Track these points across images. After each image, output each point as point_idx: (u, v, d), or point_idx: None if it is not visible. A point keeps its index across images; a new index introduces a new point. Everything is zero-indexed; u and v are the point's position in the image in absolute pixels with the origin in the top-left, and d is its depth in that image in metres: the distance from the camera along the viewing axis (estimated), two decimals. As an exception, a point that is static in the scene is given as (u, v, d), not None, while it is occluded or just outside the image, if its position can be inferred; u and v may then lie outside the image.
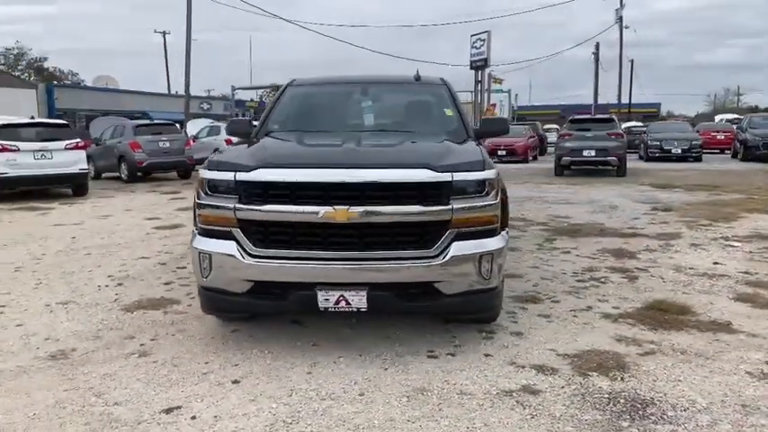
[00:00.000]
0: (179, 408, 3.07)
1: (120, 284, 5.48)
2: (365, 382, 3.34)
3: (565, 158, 16.75)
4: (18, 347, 3.98)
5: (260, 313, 4.15)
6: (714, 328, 4.13)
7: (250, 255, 3.52)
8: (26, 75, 50.98)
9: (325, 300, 3.48)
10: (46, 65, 55.36)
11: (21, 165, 11.88)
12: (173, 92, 45.93)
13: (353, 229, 3.47)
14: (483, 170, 3.62)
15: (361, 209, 3.39)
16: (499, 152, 21.51)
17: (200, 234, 3.73)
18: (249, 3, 38.88)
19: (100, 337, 4.14)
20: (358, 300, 3.48)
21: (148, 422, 2.93)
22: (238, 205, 3.53)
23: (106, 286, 5.43)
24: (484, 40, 23.88)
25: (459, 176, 3.51)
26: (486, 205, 3.58)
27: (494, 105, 29.53)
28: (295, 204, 3.46)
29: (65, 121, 14.27)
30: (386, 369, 3.50)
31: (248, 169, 3.55)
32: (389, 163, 3.62)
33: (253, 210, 3.51)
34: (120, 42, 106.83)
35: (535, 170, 19.46)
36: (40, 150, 12.20)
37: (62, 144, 12.48)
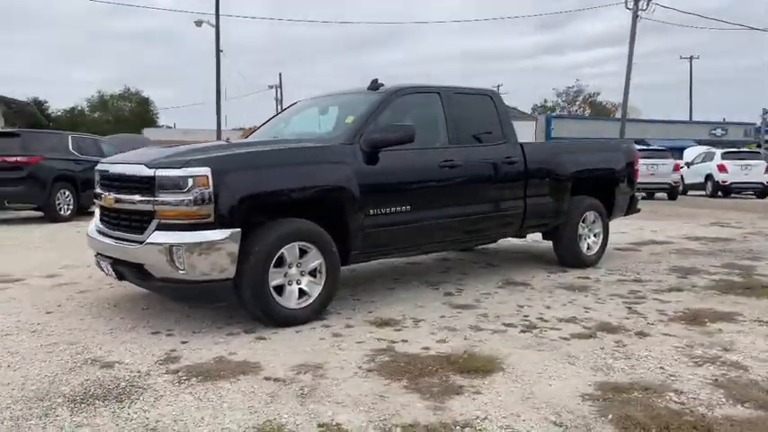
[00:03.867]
0: None
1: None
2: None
3: None
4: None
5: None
6: None
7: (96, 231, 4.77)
8: (581, 109, 61.47)
9: (104, 266, 4.46)
10: (598, 99, 64.89)
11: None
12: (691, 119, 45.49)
13: (114, 213, 4.36)
14: (181, 168, 3.91)
15: (113, 195, 4.27)
16: None
17: None
18: None
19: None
20: (109, 270, 4.35)
21: None
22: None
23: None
24: None
25: (160, 173, 3.96)
26: (185, 200, 3.87)
27: None
28: (99, 189, 4.60)
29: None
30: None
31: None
32: (133, 160, 4.31)
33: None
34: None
35: None
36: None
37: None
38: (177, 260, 3.85)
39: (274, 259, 4.10)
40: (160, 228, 3.94)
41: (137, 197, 4.09)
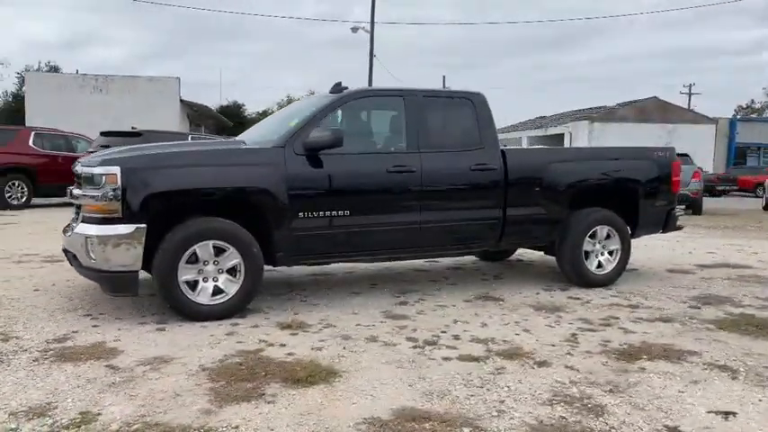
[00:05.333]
0: None
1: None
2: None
3: None
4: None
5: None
6: None
7: None
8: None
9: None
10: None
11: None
12: None
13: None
14: (97, 166, 4.27)
15: (77, 191, 4.73)
16: None
17: None
18: None
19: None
20: (66, 257, 4.85)
21: None
22: None
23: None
24: None
25: (84, 170, 4.38)
26: (98, 196, 4.24)
27: None
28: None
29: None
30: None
31: None
32: (85, 159, 4.75)
33: None
34: None
35: None
36: None
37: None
38: (91, 251, 4.21)
39: (185, 255, 4.29)
40: (84, 220, 4.33)
41: (76, 192, 4.53)
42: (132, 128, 14.76)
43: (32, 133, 14.38)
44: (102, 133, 13.72)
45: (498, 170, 5.29)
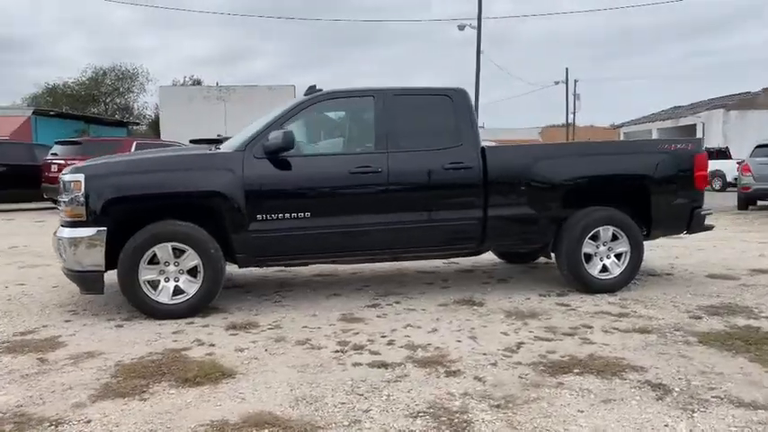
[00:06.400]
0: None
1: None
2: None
3: None
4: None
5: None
6: None
7: None
8: None
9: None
10: None
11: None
12: None
13: None
14: (68, 174, 4.63)
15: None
16: None
17: None
18: None
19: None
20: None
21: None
22: None
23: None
24: None
25: (62, 177, 4.77)
26: (68, 201, 4.60)
27: None
28: None
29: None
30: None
31: None
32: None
33: None
34: None
35: None
36: None
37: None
38: (63, 252, 4.57)
39: (144, 257, 4.54)
40: (62, 224, 4.71)
41: (59, 198, 4.93)
42: (218, 135, 15.77)
43: (135, 143, 15.76)
44: (191, 141, 14.74)
45: (476, 168, 5.04)
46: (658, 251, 7.73)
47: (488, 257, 6.76)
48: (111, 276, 4.65)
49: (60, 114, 30.33)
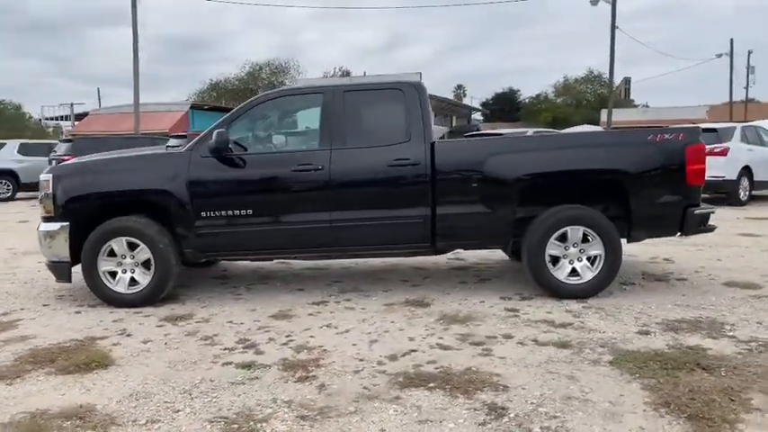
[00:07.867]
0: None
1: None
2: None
3: None
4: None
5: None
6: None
7: None
8: None
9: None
10: None
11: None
12: None
13: None
14: (43, 173, 5.16)
15: None
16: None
17: None
18: None
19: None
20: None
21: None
22: None
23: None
24: None
25: (41, 176, 5.33)
26: (41, 198, 5.16)
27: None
28: None
29: None
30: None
31: None
32: None
33: None
34: None
35: None
36: None
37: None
38: (39, 244, 5.12)
39: (102, 250, 4.95)
40: (42, 219, 5.27)
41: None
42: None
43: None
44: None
45: (422, 165, 4.85)
46: (705, 252, 6.92)
47: (500, 254, 6.50)
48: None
49: (213, 108, 32.88)
